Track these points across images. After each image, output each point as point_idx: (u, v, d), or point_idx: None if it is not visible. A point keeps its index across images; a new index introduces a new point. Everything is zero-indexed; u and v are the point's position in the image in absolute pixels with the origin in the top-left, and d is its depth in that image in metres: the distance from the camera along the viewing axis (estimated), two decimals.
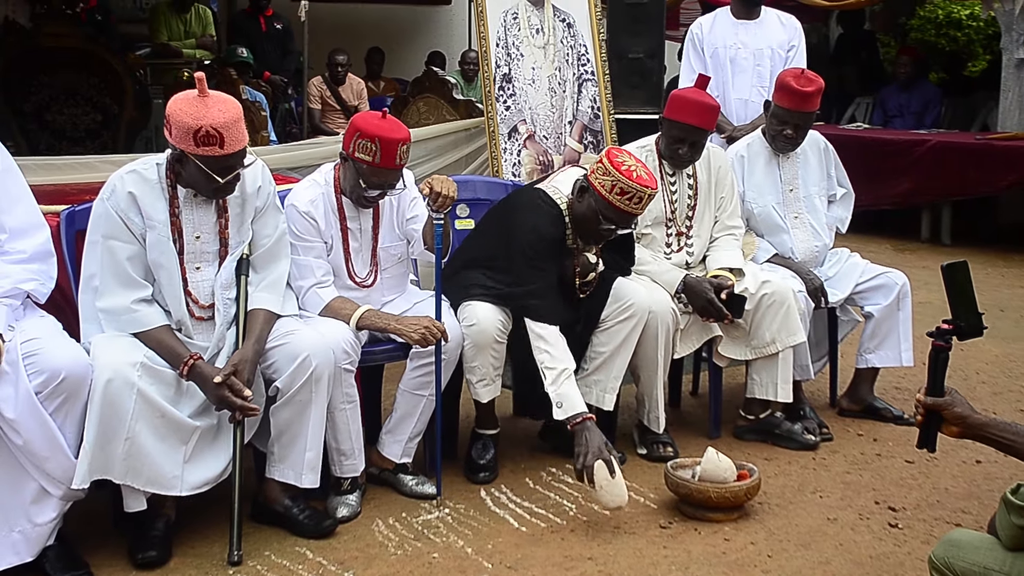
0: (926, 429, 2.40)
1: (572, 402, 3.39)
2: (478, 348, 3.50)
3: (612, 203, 3.42)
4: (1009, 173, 7.57)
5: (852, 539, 3.23)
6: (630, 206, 3.43)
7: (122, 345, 2.94)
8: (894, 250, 7.84)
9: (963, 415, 2.32)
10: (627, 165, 3.42)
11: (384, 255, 3.54)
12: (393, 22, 11.52)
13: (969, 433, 2.33)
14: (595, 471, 3.24)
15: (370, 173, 3.30)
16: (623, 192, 3.40)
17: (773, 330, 3.89)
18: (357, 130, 3.28)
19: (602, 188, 3.43)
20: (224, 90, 6.73)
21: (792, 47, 5.17)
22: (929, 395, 2.36)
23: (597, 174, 3.45)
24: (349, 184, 3.39)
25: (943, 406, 2.34)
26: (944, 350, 2.41)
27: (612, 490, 3.25)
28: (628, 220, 3.51)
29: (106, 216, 2.99)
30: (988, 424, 2.31)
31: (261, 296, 3.17)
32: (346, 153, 3.33)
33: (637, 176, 3.40)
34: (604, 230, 3.51)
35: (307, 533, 3.19)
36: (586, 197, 3.50)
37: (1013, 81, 8.28)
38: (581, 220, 3.54)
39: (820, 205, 4.33)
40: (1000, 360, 5.13)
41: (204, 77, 2.97)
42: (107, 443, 2.83)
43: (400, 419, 3.52)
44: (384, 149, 3.24)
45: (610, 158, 3.46)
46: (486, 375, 3.55)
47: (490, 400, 3.64)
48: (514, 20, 5.15)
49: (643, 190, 3.40)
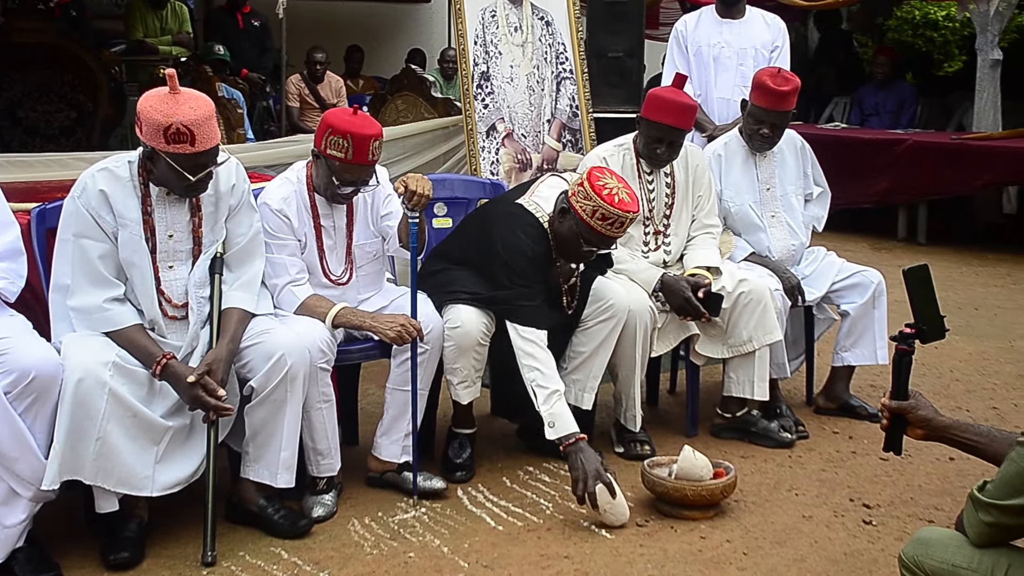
0: (892, 432, 2.42)
1: (565, 422, 3.35)
2: (461, 350, 3.49)
3: (593, 228, 3.38)
4: (984, 173, 7.63)
5: (827, 536, 3.25)
6: (611, 231, 3.39)
7: (93, 344, 2.91)
8: (871, 249, 7.89)
9: (927, 417, 2.34)
10: (608, 189, 3.36)
11: (359, 252, 3.53)
12: (372, 19, 11.48)
13: (933, 435, 2.35)
14: (598, 496, 3.24)
15: (342, 170, 3.28)
16: (604, 218, 3.35)
17: (750, 328, 3.90)
18: (328, 127, 3.26)
19: (583, 212, 3.38)
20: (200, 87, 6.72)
21: (776, 47, 5.18)
22: (894, 399, 2.38)
23: (579, 197, 3.39)
24: (322, 181, 3.37)
25: (908, 409, 2.36)
26: (907, 353, 2.43)
27: (616, 511, 3.27)
28: (609, 243, 3.50)
29: (77, 214, 2.96)
30: (952, 426, 2.33)
31: (235, 295, 3.15)
32: (318, 150, 3.31)
33: (619, 201, 3.34)
34: (585, 252, 3.49)
35: (282, 533, 3.17)
36: (567, 219, 3.45)
37: (988, 81, 8.34)
38: (562, 241, 3.51)
39: (797, 204, 4.35)
40: (974, 358, 5.17)
41: (175, 74, 2.95)
42: (77, 443, 2.80)
43: (393, 419, 3.51)
44: (356, 145, 3.23)
45: (591, 181, 3.38)
46: (467, 377, 3.55)
47: (469, 402, 3.63)
48: (492, 18, 5.15)
49: (625, 215, 3.35)
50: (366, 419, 4.10)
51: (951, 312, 6.03)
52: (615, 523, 3.27)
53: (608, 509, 3.26)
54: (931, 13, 9.74)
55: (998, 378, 4.86)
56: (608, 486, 3.25)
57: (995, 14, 8.15)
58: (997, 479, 2.01)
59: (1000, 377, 4.88)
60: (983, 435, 2.27)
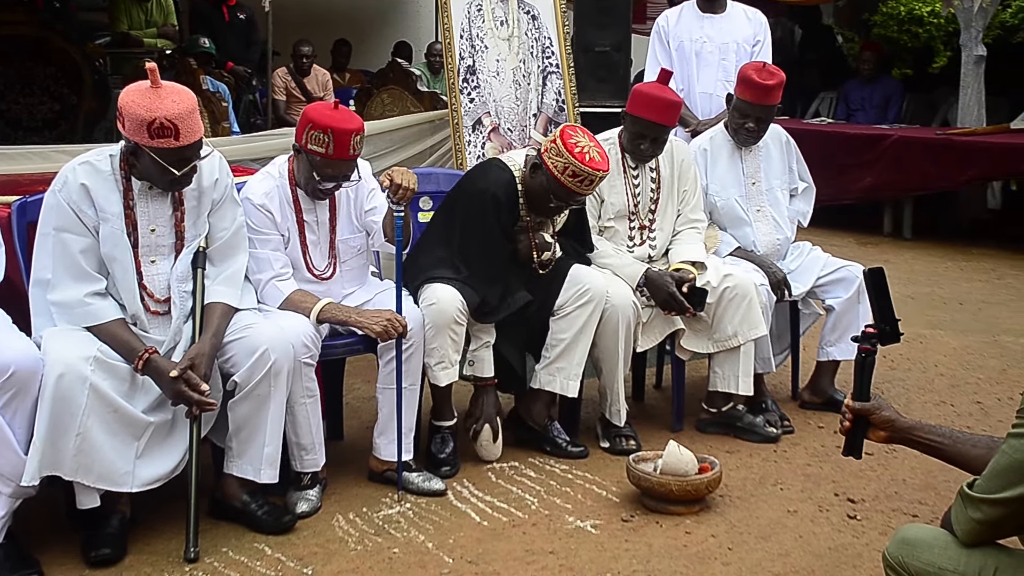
0: (853, 435, 2.38)
1: (484, 366, 3.66)
2: (437, 328, 3.48)
3: (563, 184, 3.49)
4: (968, 168, 7.65)
5: (812, 531, 3.25)
6: (581, 188, 3.50)
7: (74, 339, 2.89)
8: (857, 244, 7.91)
9: (890, 419, 2.31)
10: (580, 147, 3.46)
11: (343, 247, 3.51)
12: (359, 13, 11.43)
13: (897, 437, 2.32)
14: (481, 433, 3.67)
15: (324, 164, 3.26)
16: (575, 175, 3.46)
17: (735, 323, 3.90)
18: (309, 121, 3.24)
19: (554, 168, 3.48)
20: (184, 80, 6.68)
21: (757, 42, 5.17)
22: (856, 399, 2.35)
23: (551, 153, 3.49)
24: (303, 176, 3.35)
25: (871, 410, 2.33)
26: (871, 353, 2.40)
27: (489, 450, 3.71)
28: (578, 200, 3.59)
29: (58, 208, 2.93)
30: (915, 427, 2.29)
31: (218, 289, 3.13)
32: (299, 145, 3.30)
33: (590, 159, 3.45)
34: (553, 207, 3.59)
35: (266, 529, 3.16)
36: (538, 174, 3.56)
37: (972, 77, 8.36)
38: (532, 195, 3.62)
39: (782, 198, 4.36)
40: (958, 352, 5.19)
41: (156, 68, 2.92)
42: (58, 439, 2.78)
43: (387, 418, 3.48)
44: (337, 140, 3.21)
45: (564, 138, 3.49)
46: (444, 357, 3.53)
47: (448, 386, 3.61)
48: (478, 12, 5.12)
49: (595, 173, 3.45)
50: (351, 414, 4.10)
51: (936, 307, 6.07)
52: (486, 458, 3.70)
53: (484, 446, 3.69)
54: (916, 9, 9.74)
55: (982, 372, 4.88)
56: (494, 431, 3.67)
57: (979, 10, 8.17)
58: (988, 473, 1.99)
59: (984, 372, 4.89)
60: (946, 436, 2.25)
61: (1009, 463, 1.93)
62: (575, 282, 3.70)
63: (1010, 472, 1.93)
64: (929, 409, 4.38)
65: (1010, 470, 1.93)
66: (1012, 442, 1.94)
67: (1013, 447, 1.94)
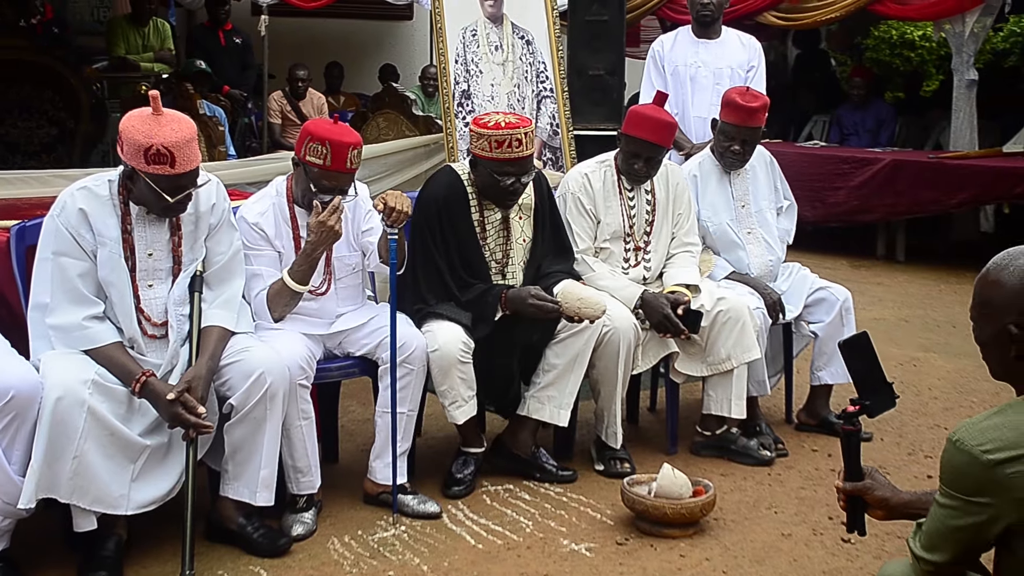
0: (852, 513, 2.32)
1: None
2: (443, 371, 3.50)
3: (496, 158, 3.55)
4: (960, 192, 7.70)
5: (806, 554, 3.26)
6: (512, 152, 3.54)
7: (73, 362, 2.90)
8: (850, 267, 7.94)
9: (884, 498, 2.26)
10: (491, 120, 3.57)
11: (339, 264, 3.53)
12: (354, 37, 11.50)
13: (895, 514, 2.27)
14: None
15: (321, 176, 3.29)
16: (499, 143, 3.52)
17: (728, 347, 3.92)
18: (308, 134, 3.29)
19: (482, 151, 3.57)
20: (181, 104, 6.72)
21: (752, 67, 5.23)
22: (847, 480, 2.30)
23: (474, 142, 3.60)
24: (300, 189, 3.39)
25: (864, 490, 2.28)
26: (854, 433, 2.32)
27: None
28: (523, 166, 3.60)
29: (56, 232, 2.96)
30: (912, 502, 2.24)
31: (215, 313, 3.15)
32: (298, 158, 3.34)
33: (506, 123, 3.54)
34: (509, 186, 3.61)
35: (261, 552, 3.16)
36: (478, 167, 3.64)
37: (964, 101, 8.43)
38: (485, 188, 3.67)
39: (771, 219, 4.40)
40: (952, 375, 5.21)
41: (158, 95, 2.96)
42: (54, 461, 2.79)
43: (384, 442, 3.49)
44: (335, 151, 3.25)
45: (475, 123, 3.61)
46: (457, 396, 3.55)
47: (468, 420, 3.62)
48: (473, 37, 5.18)
49: (515, 131, 3.53)
50: (346, 437, 4.11)
51: (929, 330, 6.09)
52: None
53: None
54: (908, 33, 9.85)
55: (976, 396, 4.90)
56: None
57: (970, 35, 8.25)
58: (925, 528, 1.99)
59: (978, 395, 4.91)
60: None
61: (937, 528, 1.94)
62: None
63: (937, 537, 1.95)
64: (923, 433, 4.39)
65: (937, 535, 1.95)
66: (935, 510, 1.95)
67: (937, 516, 1.94)
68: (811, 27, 9.89)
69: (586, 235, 4.01)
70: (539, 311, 3.55)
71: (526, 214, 3.81)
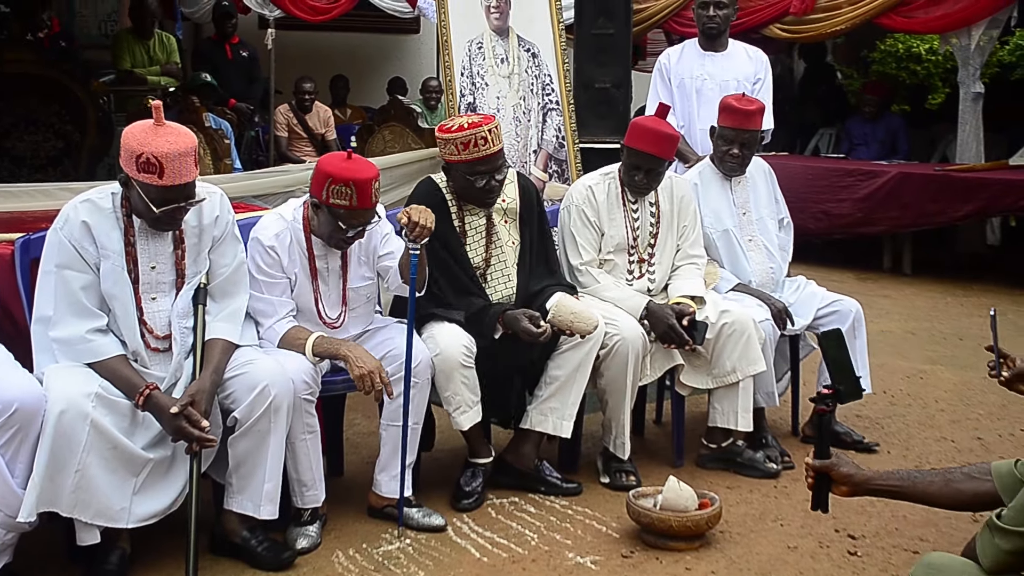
0: (817, 491, 2.50)
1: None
2: (446, 375, 3.49)
3: (465, 160, 3.60)
4: (966, 204, 7.68)
5: (812, 567, 3.24)
6: (480, 150, 3.59)
7: (76, 375, 2.90)
8: (856, 279, 7.92)
9: (848, 474, 2.43)
10: (455, 124, 3.63)
11: (353, 295, 3.51)
12: (360, 50, 11.54)
13: (858, 490, 2.44)
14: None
15: (349, 216, 3.26)
16: (465, 145, 3.57)
17: (734, 359, 3.91)
18: (328, 176, 3.22)
19: (451, 156, 3.62)
20: (187, 118, 6.73)
21: (758, 80, 5.23)
22: (817, 458, 2.47)
23: (442, 149, 3.66)
24: (326, 230, 3.33)
25: (830, 467, 2.45)
26: (827, 414, 2.54)
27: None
28: (493, 163, 3.63)
29: (59, 246, 2.96)
30: (873, 477, 2.43)
31: (219, 326, 3.14)
32: (319, 200, 3.28)
33: (469, 124, 3.60)
34: (484, 186, 3.65)
35: (265, 565, 3.15)
36: (452, 173, 3.68)
37: (970, 114, 8.41)
38: (463, 192, 3.71)
39: (772, 227, 4.42)
40: (958, 388, 5.18)
41: (160, 105, 2.95)
42: (56, 474, 2.78)
43: (390, 455, 3.48)
44: (360, 191, 3.22)
45: (439, 130, 3.69)
46: (461, 402, 3.54)
47: (474, 427, 3.61)
48: (479, 50, 5.18)
49: (480, 130, 3.58)
50: (351, 450, 4.10)
51: (936, 343, 6.07)
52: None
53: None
54: (914, 46, 9.84)
55: (982, 408, 4.88)
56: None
57: (976, 48, 8.24)
58: (1015, 505, 2.04)
59: (984, 407, 4.89)
60: (904, 479, 2.37)
61: None
62: None
63: None
64: (930, 445, 4.37)
65: None
66: None
67: None
68: (817, 40, 9.89)
69: (590, 247, 4.01)
70: (528, 336, 3.54)
71: (511, 218, 3.82)
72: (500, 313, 3.60)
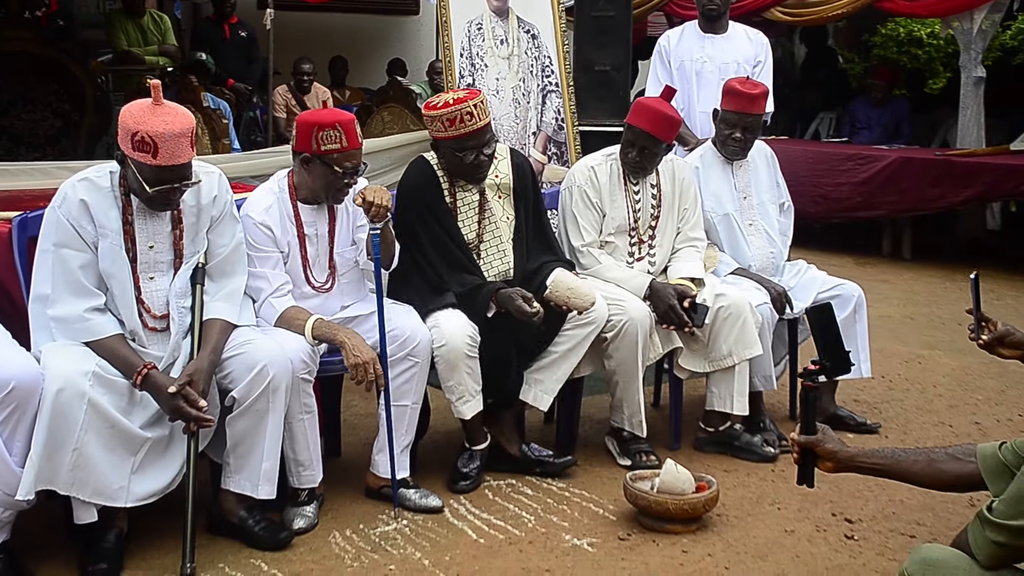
0: (802, 466, 2.51)
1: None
2: (451, 366, 3.49)
3: (452, 136, 3.61)
4: (967, 189, 7.67)
5: (809, 551, 3.25)
6: (468, 125, 3.59)
7: (74, 354, 2.89)
8: (856, 264, 7.92)
9: (833, 450, 2.44)
10: (440, 101, 3.63)
11: (340, 260, 3.53)
12: (360, 31, 11.49)
13: (842, 466, 2.45)
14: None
15: (343, 159, 3.31)
16: (451, 121, 3.58)
17: (730, 343, 3.91)
18: (314, 124, 3.30)
19: (438, 132, 3.63)
20: (185, 97, 6.71)
21: (758, 62, 5.20)
22: (802, 434, 2.48)
23: (429, 127, 3.67)
24: (320, 183, 3.36)
25: (815, 443, 2.46)
26: (813, 389, 2.54)
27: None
28: (480, 138, 3.63)
29: (57, 224, 2.95)
30: (857, 455, 2.44)
31: (217, 306, 3.14)
32: (310, 153, 3.31)
33: (454, 100, 3.60)
34: (472, 161, 3.65)
35: (262, 545, 3.15)
36: (441, 150, 3.69)
37: (971, 99, 8.39)
38: (452, 168, 3.71)
39: (773, 212, 4.41)
40: (957, 373, 5.19)
41: (159, 85, 2.94)
42: (54, 453, 2.78)
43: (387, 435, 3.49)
44: (346, 130, 3.31)
45: (425, 108, 3.69)
46: (464, 392, 3.54)
47: (475, 416, 3.61)
48: (478, 31, 5.16)
49: (465, 105, 3.58)
50: (349, 430, 4.10)
51: (935, 327, 6.07)
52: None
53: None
54: (916, 31, 9.81)
55: (981, 393, 4.88)
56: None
57: (978, 32, 8.21)
58: (1007, 497, 2.02)
59: (983, 392, 4.89)
60: (887, 457, 2.38)
61: (1021, 494, 1.95)
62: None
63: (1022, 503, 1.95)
64: (927, 430, 4.37)
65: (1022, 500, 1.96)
66: (1021, 476, 1.96)
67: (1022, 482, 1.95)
68: (818, 23, 9.86)
69: (592, 228, 4.01)
70: (521, 315, 3.53)
71: (505, 193, 3.82)
72: (493, 292, 3.59)
